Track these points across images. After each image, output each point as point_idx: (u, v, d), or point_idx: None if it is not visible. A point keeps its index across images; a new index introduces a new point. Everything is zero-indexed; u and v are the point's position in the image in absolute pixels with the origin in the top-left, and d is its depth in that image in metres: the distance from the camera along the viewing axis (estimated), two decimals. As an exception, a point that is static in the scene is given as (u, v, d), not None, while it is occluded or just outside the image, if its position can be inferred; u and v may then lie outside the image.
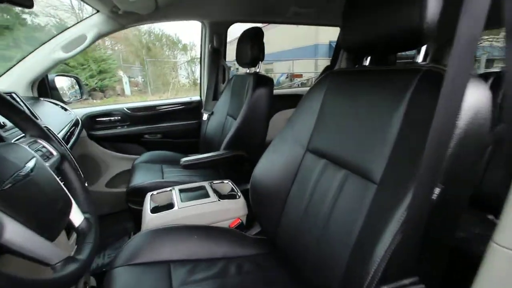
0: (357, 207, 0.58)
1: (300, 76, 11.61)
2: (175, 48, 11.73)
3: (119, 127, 1.74)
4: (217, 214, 1.02)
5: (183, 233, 0.86)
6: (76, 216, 0.57)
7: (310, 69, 12.31)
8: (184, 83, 11.22)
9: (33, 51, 1.35)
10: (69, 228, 0.56)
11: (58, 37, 1.38)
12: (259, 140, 1.39)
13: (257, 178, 0.92)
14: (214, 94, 1.86)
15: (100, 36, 1.46)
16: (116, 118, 1.73)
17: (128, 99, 9.43)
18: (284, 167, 0.85)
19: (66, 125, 1.28)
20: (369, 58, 0.73)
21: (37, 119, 0.94)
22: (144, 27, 11.76)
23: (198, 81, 1.99)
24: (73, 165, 0.65)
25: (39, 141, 0.59)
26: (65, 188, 0.55)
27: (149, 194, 1.10)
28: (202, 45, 1.86)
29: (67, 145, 1.24)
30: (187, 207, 1.00)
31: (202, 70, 1.93)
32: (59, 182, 0.55)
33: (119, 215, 1.72)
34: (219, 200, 1.04)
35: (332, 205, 0.65)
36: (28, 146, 0.54)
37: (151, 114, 1.83)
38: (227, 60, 1.93)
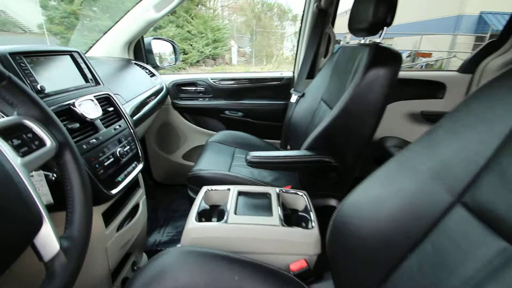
0: None
1: (428, 55, 9.33)
2: (285, 18, 11.35)
3: (201, 99, 1.62)
4: (276, 245, 0.72)
5: (223, 267, 0.62)
6: (48, 244, 0.38)
7: (443, 47, 9.68)
8: (288, 55, 10.90)
9: (127, 12, 1.30)
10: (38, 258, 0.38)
11: (150, -5, 1.28)
12: (359, 145, 0.96)
13: (347, 215, 0.56)
14: (311, 70, 1.48)
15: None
16: (200, 88, 1.61)
17: (233, 68, 9.96)
18: (404, 213, 0.47)
19: (144, 92, 1.20)
20: None
21: (99, 84, 0.84)
22: (259, -4, 11.76)
23: (296, 48, 1.63)
24: (76, 158, 0.46)
25: (26, 123, 0.41)
26: (35, 198, 0.36)
27: (204, 188, 0.91)
28: (305, 5, 1.46)
29: (149, 110, 1.17)
30: (239, 224, 0.74)
31: (300, 39, 1.55)
32: (25, 188, 0.35)
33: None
34: (282, 226, 0.73)
35: None
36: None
37: (235, 88, 1.63)
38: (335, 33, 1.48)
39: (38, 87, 0.60)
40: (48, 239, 0.38)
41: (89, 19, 7.21)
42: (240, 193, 0.90)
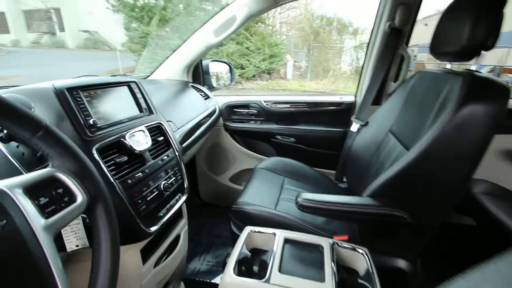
0: None
1: (520, 71, 7.85)
2: (345, 32, 10.97)
3: (253, 122, 1.57)
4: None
5: None
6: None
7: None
8: (345, 70, 10.44)
9: (188, 38, 1.34)
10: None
11: (210, 22, 1.29)
12: (443, 198, 0.76)
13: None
14: (377, 96, 1.30)
15: (250, 16, 1.25)
16: (252, 111, 1.56)
17: (287, 82, 9.95)
18: None
19: (197, 116, 1.19)
20: None
21: (152, 113, 0.83)
22: (319, 12, 11.70)
23: (360, 70, 1.46)
24: (109, 213, 0.41)
25: (59, 176, 0.37)
26: (56, 276, 0.31)
27: (247, 229, 0.82)
28: (375, 23, 1.30)
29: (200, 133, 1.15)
30: (284, 287, 0.62)
31: (366, 61, 1.39)
32: (45, 266, 0.31)
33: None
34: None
35: None
36: (26, 190, 0.33)
37: (288, 112, 1.53)
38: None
39: (91, 121, 0.60)
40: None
41: (162, 38, 8.08)
42: (287, 241, 0.79)
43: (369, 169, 1.09)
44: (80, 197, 0.38)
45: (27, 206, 0.32)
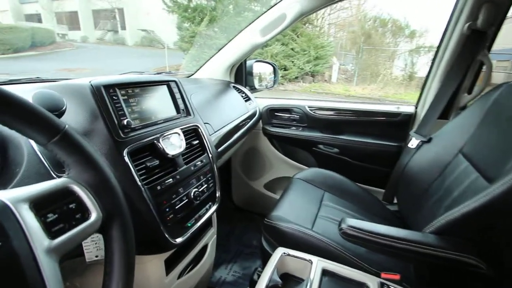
0: None
1: None
2: (400, 35, 10.12)
3: (294, 128, 1.46)
4: None
5: None
6: None
7: None
8: (397, 75, 9.63)
9: (234, 37, 1.29)
10: None
11: (258, 20, 1.23)
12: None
13: None
14: (446, 109, 1.10)
15: (302, 14, 1.15)
16: (294, 116, 1.46)
17: (331, 86, 9.56)
18: None
19: (236, 119, 1.14)
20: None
21: (190, 114, 0.79)
22: (373, 12, 11.04)
23: (415, 75, 1.26)
24: (125, 234, 0.36)
25: (74, 189, 0.33)
26: None
27: (279, 251, 0.73)
28: (449, 24, 1.10)
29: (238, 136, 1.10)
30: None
31: (434, 67, 1.19)
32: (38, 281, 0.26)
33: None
34: None
35: None
36: (33, 205, 0.28)
37: (334, 120, 1.40)
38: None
39: (125, 122, 0.57)
40: None
41: (210, 38, 8.35)
42: (325, 272, 0.68)
43: (428, 195, 0.92)
44: (94, 214, 0.33)
45: (31, 224, 0.28)
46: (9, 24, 11.80)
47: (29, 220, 0.28)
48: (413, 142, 1.11)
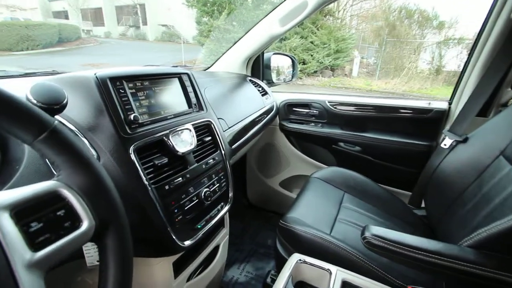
0: None
1: None
2: (427, 26, 9.53)
3: (313, 124, 1.39)
4: None
5: None
6: None
7: None
8: (423, 69, 9.11)
9: (251, 29, 1.23)
10: None
11: (276, 10, 1.16)
12: None
13: None
14: (485, 105, 0.98)
15: (324, 2, 1.07)
16: (313, 111, 1.38)
17: (352, 80, 9.23)
18: None
19: (251, 114, 1.08)
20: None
21: (203, 109, 0.74)
22: (398, 3, 10.47)
23: (443, 69, 1.14)
24: (123, 243, 0.32)
25: (63, 193, 0.29)
26: None
27: (295, 257, 0.68)
28: (490, 12, 0.98)
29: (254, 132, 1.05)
30: None
31: (472, 59, 1.06)
32: None
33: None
34: None
35: None
36: (14, 213, 0.25)
37: (356, 116, 1.31)
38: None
39: (132, 117, 0.53)
40: None
41: (228, 32, 8.30)
42: (345, 285, 0.62)
43: (462, 201, 0.83)
44: (86, 222, 0.30)
45: (11, 235, 0.24)
46: (39, 21, 12.39)
47: (8, 230, 0.24)
48: (446, 142, 1.00)
